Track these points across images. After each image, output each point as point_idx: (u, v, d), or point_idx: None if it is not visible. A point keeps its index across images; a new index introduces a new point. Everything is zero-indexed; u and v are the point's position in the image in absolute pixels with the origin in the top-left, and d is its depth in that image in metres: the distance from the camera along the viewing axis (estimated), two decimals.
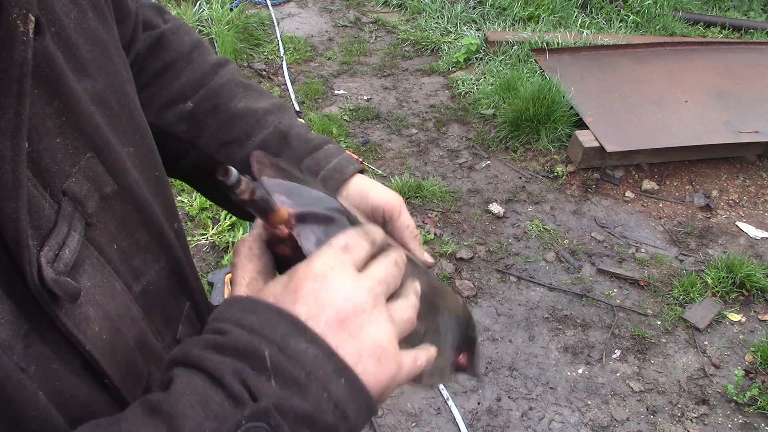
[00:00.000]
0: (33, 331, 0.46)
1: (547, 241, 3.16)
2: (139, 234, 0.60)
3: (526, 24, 4.83)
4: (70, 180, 0.50)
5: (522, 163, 3.65)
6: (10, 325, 0.43)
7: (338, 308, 0.47)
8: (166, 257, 0.65)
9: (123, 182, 0.57)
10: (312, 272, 0.48)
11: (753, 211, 3.45)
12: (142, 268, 0.60)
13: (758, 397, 2.47)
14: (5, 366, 0.42)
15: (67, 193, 0.50)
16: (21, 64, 0.42)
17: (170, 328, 0.66)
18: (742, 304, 2.90)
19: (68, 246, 0.48)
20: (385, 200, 0.72)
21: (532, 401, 2.45)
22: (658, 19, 4.96)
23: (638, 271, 3.03)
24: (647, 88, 3.88)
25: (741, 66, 4.15)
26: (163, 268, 0.64)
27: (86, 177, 0.52)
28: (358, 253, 0.51)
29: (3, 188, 0.42)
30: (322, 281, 0.48)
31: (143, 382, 0.58)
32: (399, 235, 0.72)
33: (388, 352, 0.48)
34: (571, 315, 2.80)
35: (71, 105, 0.51)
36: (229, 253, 2.88)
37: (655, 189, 3.51)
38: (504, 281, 2.94)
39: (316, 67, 4.46)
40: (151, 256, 0.62)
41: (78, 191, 0.51)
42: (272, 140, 0.76)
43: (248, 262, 0.53)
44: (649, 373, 2.59)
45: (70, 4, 0.54)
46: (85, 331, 0.50)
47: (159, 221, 0.63)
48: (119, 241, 0.57)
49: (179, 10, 4.59)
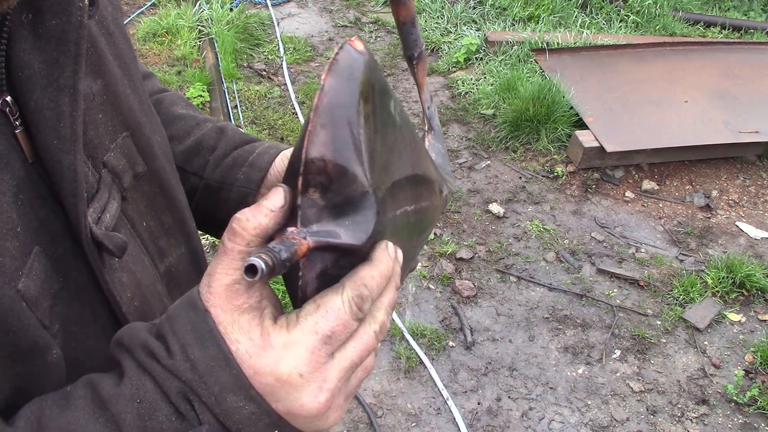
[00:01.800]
0: (64, 291, 0.47)
1: (547, 241, 3.16)
2: (165, 217, 0.62)
3: (526, 24, 4.83)
4: (109, 154, 0.53)
5: (522, 163, 3.65)
6: (41, 282, 0.45)
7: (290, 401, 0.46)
8: (187, 244, 0.67)
9: (152, 165, 0.60)
10: (278, 372, 0.44)
11: (753, 211, 3.45)
12: (166, 250, 0.63)
13: (758, 397, 2.47)
14: (28, 320, 0.43)
15: (107, 165, 0.52)
16: (78, 27, 0.45)
17: None
18: (742, 304, 2.90)
19: (108, 211, 0.51)
20: None
21: (532, 401, 2.45)
22: (658, 19, 4.96)
23: (638, 271, 3.03)
24: (647, 88, 3.88)
25: (741, 66, 4.15)
26: (183, 253, 0.67)
27: (123, 153, 0.55)
28: (339, 340, 0.47)
29: (63, 141, 0.45)
30: (284, 385, 0.45)
31: None
32: None
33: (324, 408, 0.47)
34: (571, 315, 2.80)
35: (111, 85, 0.53)
36: None
37: (655, 189, 3.51)
38: (504, 281, 2.95)
39: (316, 67, 4.46)
40: (174, 241, 0.65)
41: (116, 165, 0.53)
42: (210, 134, 0.78)
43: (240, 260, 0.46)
44: (649, 373, 2.59)
45: (107, 2, 0.58)
46: (121, 294, 0.52)
47: (182, 209, 0.66)
48: (147, 220, 0.59)
49: (179, 10, 4.59)
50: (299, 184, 0.45)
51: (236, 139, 0.78)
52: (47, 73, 0.44)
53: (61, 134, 0.45)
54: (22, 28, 0.44)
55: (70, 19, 0.45)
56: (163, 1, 4.81)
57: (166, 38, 4.41)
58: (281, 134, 3.63)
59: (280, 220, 0.46)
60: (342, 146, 0.45)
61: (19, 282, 0.43)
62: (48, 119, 0.44)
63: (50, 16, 0.45)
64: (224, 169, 0.75)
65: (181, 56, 4.25)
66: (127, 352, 0.46)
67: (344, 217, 0.47)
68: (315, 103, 0.45)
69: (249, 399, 0.44)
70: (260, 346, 0.45)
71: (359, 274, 0.48)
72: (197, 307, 0.46)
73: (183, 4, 4.69)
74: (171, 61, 4.25)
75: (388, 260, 0.49)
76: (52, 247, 0.46)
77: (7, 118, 0.44)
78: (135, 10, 4.75)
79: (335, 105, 0.45)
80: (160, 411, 0.44)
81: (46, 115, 0.44)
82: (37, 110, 0.44)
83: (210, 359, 0.44)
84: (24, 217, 0.44)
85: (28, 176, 0.45)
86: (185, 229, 0.67)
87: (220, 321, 0.45)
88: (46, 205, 0.46)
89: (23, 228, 0.44)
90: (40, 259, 0.45)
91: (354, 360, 0.47)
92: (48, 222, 0.46)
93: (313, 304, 0.46)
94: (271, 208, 0.46)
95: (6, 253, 0.42)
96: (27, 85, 0.44)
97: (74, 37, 0.45)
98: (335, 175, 0.45)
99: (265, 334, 0.45)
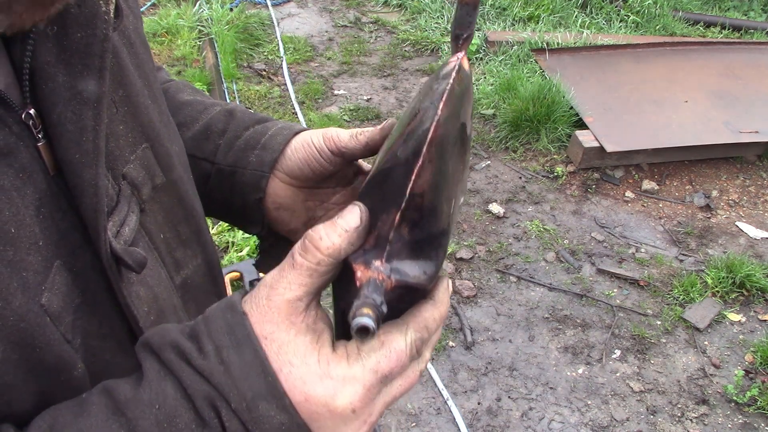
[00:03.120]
0: (84, 305, 0.47)
1: (547, 241, 3.16)
2: (182, 228, 0.62)
3: (526, 24, 4.83)
4: (129, 166, 0.53)
5: (522, 163, 3.65)
6: (63, 296, 0.45)
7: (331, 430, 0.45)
8: (203, 255, 0.67)
9: (170, 176, 0.59)
10: (333, 405, 0.44)
11: (753, 211, 3.45)
12: (182, 261, 0.62)
13: (758, 397, 2.47)
14: (52, 335, 0.43)
15: (127, 177, 0.52)
16: (103, 41, 0.45)
17: None
18: (742, 304, 2.90)
19: (128, 225, 0.50)
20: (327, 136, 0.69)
21: (532, 401, 2.45)
22: (658, 19, 4.96)
23: (638, 271, 3.03)
24: (647, 88, 3.88)
25: (741, 66, 4.15)
26: (200, 264, 0.66)
27: (142, 165, 0.54)
28: (393, 378, 0.47)
29: (85, 155, 0.44)
30: (334, 417, 0.44)
31: None
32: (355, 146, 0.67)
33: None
34: (571, 315, 2.80)
35: (132, 96, 0.53)
36: (230, 253, 2.88)
37: (655, 189, 3.51)
38: (504, 281, 2.95)
39: (316, 67, 4.46)
40: (191, 252, 0.64)
41: (135, 177, 0.53)
42: (219, 118, 0.76)
43: (307, 276, 0.45)
44: (649, 373, 2.59)
45: (129, 12, 0.58)
46: (138, 309, 0.52)
47: (198, 219, 0.65)
48: (165, 232, 0.59)
49: (179, 10, 4.59)
50: (396, 218, 0.44)
51: (246, 120, 0.76)
52: (71, 86, 0.44)
53: (84, 148, 0.44)
54: (47, 41, 0.44)
55: (95, 32, 0.45)
56: (163, 1, 4.81)
57: (166, 38, 4.41)
58: None
59: (353, 241, 0.45)
60: (440, 183, 0.44)
61: (42, 296, 0.43)
62: (71, 133, 0.44)
63: (75, 29, 0.44)
64: (236, 152, 0.73)
65: (181, 56, 4.25)
66: (153, 353, 0.46)
67: (419, 253, 0.46)
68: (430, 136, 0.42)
69: (282, 409, 0.43)
70: (317, 375, 0.44)
71: (423, 316, 0.47)
72: (235, 310, 0.45)
73: (183, 4, 4.69)
74: (171, 61, 4.24)
75: (448, 302, 0.50)
76: (72, 260, 0.46)
77: (30, 131, 0.43)
78: None
79: (444, 139, 0.44)
80: (180, 417, 0.43)
81: (69, 128, 0.44)
82: (60, 123, 0.44)
83: (246, 364, 0.43)
84: (46, 230, 0.44)
85: (50, 189, 0.45)
86: (201, 239, 0.66)
87: (274, 338, 0.44)
88: (67, 219, 0.46)
89: (45, 242, 0.44)
90: (62, 272, 0.45)
91: (396, 396, 0.48)
92: (68, 235, 0.46)
93: (377, 341, 0.46)
94: (346, 228, 0.45)
95: (29, 267, 0.42)
96: (50, 98, 0.44)
97: (99, 50, 0.45)
98: (427, 213, 0.45)
99: (323, 362, 0.44)
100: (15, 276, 0.41)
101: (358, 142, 0.67)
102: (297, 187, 0.72)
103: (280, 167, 0.71)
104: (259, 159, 0.71)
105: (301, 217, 0.75)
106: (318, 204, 0.75)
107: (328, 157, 0.69)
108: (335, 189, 0.75)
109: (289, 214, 0.74)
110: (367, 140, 0.66)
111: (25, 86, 0.43)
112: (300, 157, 0.70)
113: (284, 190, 0.72)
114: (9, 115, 0.42)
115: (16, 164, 0.42)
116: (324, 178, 0.72)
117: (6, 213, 0.40)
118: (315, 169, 0.70)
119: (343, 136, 0.68)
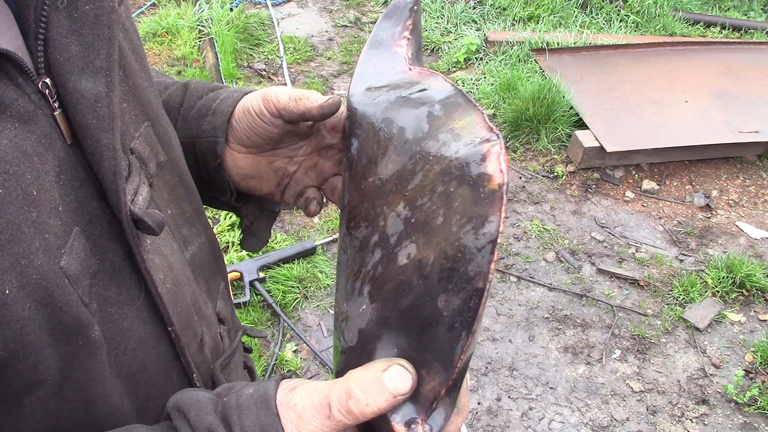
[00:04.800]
0: (101, 272, 0.49)
1: (547, 241, 3.16)
2: (185, 206, 0.64)
3: (526, 24, 4.83)
4: (135, 141, 0.54)
5: (522, 163, 3.65)
6: (81, 261, 0.46)
7: None
8: (206, 235, 0.68)
9: (171, 155, 0.61)
10: None
11: (753, 211, 3.45)
12: (189, 238, 0.64)
13: (758, 397, 2.47)
14: (71, 297, 0.45)
15: (134, 151, 0.54)
16: (110, 12, 0.47)
17: (212, 300, 0.69)
18: (742, 304, 2.90)
19: (141, 194, 0.52)
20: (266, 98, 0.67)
21: (532, 401, 2.45)
22: (658, 19, 4.96)
23: (638, 271, 3.03)
24: (647, 88, 3.88)
25: (741, 66, 4.14)
26: (204, 243, 0.68)
27: (146, 142, 0.56)
28: None
29: (101, 120, 0.46)
30: None
31: (198, 339, 0.62)
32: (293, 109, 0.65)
33: None
34: (571, 315, 2.80)
35: (131, 77, 0.55)
36: (230, 252, 2.88)
37: (655, 189, 3.51)
38: (504, 281, 2.94)
39: (316, 67, 4.46)
40: (195, 230, 0.66)
41: (142, 151, 0.55)
42: (175, 93, 0.76)
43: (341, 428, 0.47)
44: (649, 373, 2.59)
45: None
46: (155, 275, 0.53)
47: (198, 199, 0.67)
48: (171, 208, 0.61)
49: (179, 10, 4.59)
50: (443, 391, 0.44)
51: (199, 89, 0.75)
52: (84, 56, 0.46)
53: (100, 114, 0.46)
54: (58, 13, 0.45)
55: (102, 4, 0.47)
56: (163, 1, 4.81)
57: (166, 38, 4.41)
58: None
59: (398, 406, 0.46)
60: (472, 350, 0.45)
61: (62, 259, 0.44)
62: (86, 100, 0.46)
63: (84, 1, 0.46)
64: (191, 123, 0.72)
65: (181, 56, 4.25)
66: (190, 428, 0.48)
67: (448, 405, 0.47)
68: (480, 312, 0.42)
69: None
70: None
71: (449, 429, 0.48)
72: (269, 408, 0.47)
73: (183, 4, 4.69)
74: (171, 61, 4.24)
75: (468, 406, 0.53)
76: (89, 228, 0.48)
77: (46, 100, 0.45)
78: (135, 10, 4.75)
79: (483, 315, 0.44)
80: None
81: (85, 95, 0.46)
82: (76, 92, 0.46)
83: None
84: (65, 197, 0.46)
85: (68, 158, 0.46)
86: (203, 219, 0.68)
87: None
88: (84, 187, 0.47)
89: (64, 207, 0.45)
90: (80, 239, 0.46)
91: None
92: (86, 203, 0.47)
93: None
94: (395, 394, 0.45)
95: (50, 230, 0.44)
96: (65, 68, 0.46)
97: (107, 21, 0.47)
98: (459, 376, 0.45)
99: None
100: (38, 236, 0.43)
101: (296, 106, 0.65)
102: (256, 155, 0.71)
103: (231, 138, 0.70)
104: (211, 125, 0.70)
105: (272, 180, 0.74)
106: (286, 161, 0.73)
107: (270, 120, 0.67)
108: (298, 144, 0.72)
109: (257, 181, 0.73)
110: (305, 111, 0.65)
111: (39, 57, 0.45)
112: (244, 125, 0.69)
113: (244, 159, 0.71)
114: (27, 84, 0.44)
115: (38, 131, 0.44)
116: (276, 140, 0.70)
117: (28, 176, 0.42)
118: (261, 134, 0.68)
119: (282, 97, 0.66)
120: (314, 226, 3.09)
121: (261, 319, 2.63)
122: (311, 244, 2.91)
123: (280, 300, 2.70)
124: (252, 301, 2.67)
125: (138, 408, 0.55)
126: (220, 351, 0.69)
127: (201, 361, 0.63)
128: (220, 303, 0.72)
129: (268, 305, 2.68)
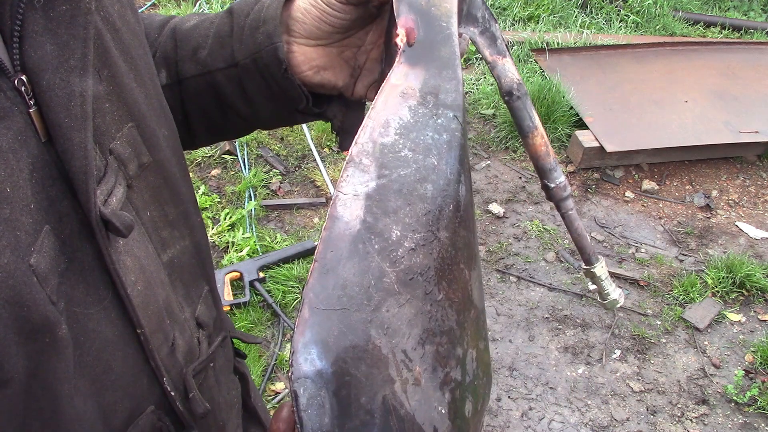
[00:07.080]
0: (69, 271, 0.49)
1: (547, 241, 3.16)
2: (169, 209, 0.64)
3: (526, 24, 4.83)
4: (116, 142, 0.55)
5: (522, 163, 3.65)
6: (50, 260, 0.46)
7: None
8: (191, 238, 0.68)
9: (156, 156, 0.61)
10: None
11: (753, 211, 3.45)
12: (169, 241, 0.64)
13: (758, 397, 2.47)
14: (38, 295, 0.45)
15: (113, 152, 0.54)
16: (86, 13, 0.48)
17: (190, 305, 0.69)
18: (742, 304, 2.90)
19: (115, 195, 0.52)
20: None
21: (532, 401, 2.45)
22: (658, 19, 4.96)
23: (638, 271, 3.03)
24: (647, 88, 3.88)
25: (741, 66, 4.14)
26: (187, 246, 0.67)
27: (128, 143, 0.56)
28: None
29: (73, 119, 0.47)
30: None
31: (169, 343, 0.61)
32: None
33: None
34: (571, 315, 2.80)
35: (116, 77, 0.55)
36: (230, 252, 2.88)
37: (655, 189, 3.51)
38: (504, 281, 2.95)
39: None
40: (178, 233, 0.65)
41: (122, 152, 0.55)
42: (223, 22, 0.75)
43: None
44: (649, 373, 2.59)
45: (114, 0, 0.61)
46: (125, 276, 0.53)
47: (186, 202, 0.67)
48: (151, 210, 0.61)
49: (179, 10, 4.59)
50: None
51: (245, 8, 0.74)
52: (58, 54, 0.47)
53: (72, 113, 0.47)
54: (34, 12, 0.46)
55: (79, 5, 0.48)
56: (163, 1, 4.81)
57: None
58: (281, 134, 3.63)
59: None
60: None
61: (31, 257, 0.44)
62: (60, 98, 0.47)
63: (61, 1, 0.48)
64: (246, 43, 0.72)
65: None
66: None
67: None
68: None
69: None
70: None
71: None
72: None
73: (183, 4, 4.69)
74: None
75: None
76: (59, 226, 0.48)
77: (22, 98, 0.46)
78: None
79: None
80: None
81: (58, 94, 0.47)
82: (50, 89, 0.46)
83: None
84: (37, 195, 0.46)
85: (42, 155, 0.47)
86: (189, 222, 0.68)
87: None
88: (56, 186, 0.48)
89: (36, 205, 0.46)
90: (50, 237, 0.47)
91: None
92: (57, 202, 0.48)
93: None
94: None
95: (21, 227, 0.44)
96: (40, 66, 0.46)
97: (83, 21, 0.48)
98: None
99: None
100: (8, 233, 0.43)
101: None
102: (326, 46, 0.72)
103: (300, 33, 0.70)
104: (265, 34, 0.70)
105: (345, 71, 0.74)
106: (356, 51, 0.74)
107: (340, 7, 0.68)
108: (365, 29, 0.73)
109: (331, 72, 0.73)
110: None
111: (14, 54, 0.46)
112: (314, 16, 0.69)
113: (315, 51, 0.71)
114: (2, 81, 0.45)
115: (14, 127, 0.45)
116: (347, 27, 0.70)
117: (2, 173, 0.43)
118: (332, 23, 0.69)
119: None
120: (314, 227, 3.09)
121: (261, 319, 2.63)
122: (311, 244, 2.91)
123: (280, 300, 2.70)
124: (252, 301, 2.67)
125: (105, 410, 0.54)
126: (195, 356, 0.68)
127: (172, 365, 0.62)
128: (201, 308, 0.71)
129: (268, 305, 2.68)
